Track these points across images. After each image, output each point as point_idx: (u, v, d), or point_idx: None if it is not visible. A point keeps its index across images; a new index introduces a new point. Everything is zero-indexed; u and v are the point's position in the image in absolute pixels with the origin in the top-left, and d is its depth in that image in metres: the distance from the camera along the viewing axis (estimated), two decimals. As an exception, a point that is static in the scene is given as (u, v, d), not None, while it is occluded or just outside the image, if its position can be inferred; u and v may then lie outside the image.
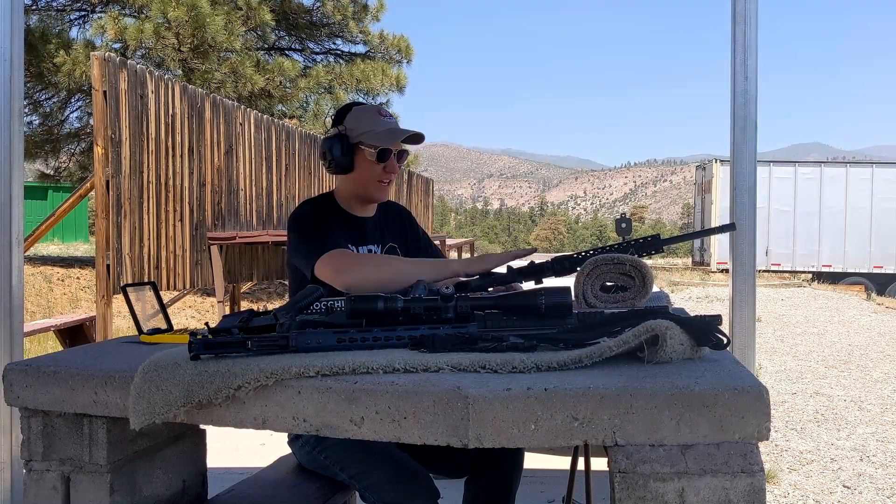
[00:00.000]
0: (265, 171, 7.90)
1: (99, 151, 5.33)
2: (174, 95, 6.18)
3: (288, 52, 14.43)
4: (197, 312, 10.66)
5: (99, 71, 5.26)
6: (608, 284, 1.78)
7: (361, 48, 14.85)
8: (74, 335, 5.61)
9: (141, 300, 1.66)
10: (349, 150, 1.97)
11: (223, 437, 2.72)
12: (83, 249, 16.47)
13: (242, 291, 10.61)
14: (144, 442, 1.46)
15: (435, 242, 2.27)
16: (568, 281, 1.56)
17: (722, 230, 1.99)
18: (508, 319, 1.30)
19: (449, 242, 15.21)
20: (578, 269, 1.79)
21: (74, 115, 13.12)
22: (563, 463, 2.71)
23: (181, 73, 10.74)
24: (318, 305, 1.45)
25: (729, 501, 1.06)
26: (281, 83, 12.38)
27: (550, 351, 1.21)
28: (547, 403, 1.06)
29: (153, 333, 1.61)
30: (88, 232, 20.94)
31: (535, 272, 1.80)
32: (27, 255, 9.71)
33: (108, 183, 5.34)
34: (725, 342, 1.20)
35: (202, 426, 1.60)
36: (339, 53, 14.94)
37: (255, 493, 1.81)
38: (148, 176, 5.80)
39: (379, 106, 2.10)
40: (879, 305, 13.21)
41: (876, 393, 5.91)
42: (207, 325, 1.36)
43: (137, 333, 1.64)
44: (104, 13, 11.26)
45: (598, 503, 2.12)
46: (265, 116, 8.15)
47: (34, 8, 11.89)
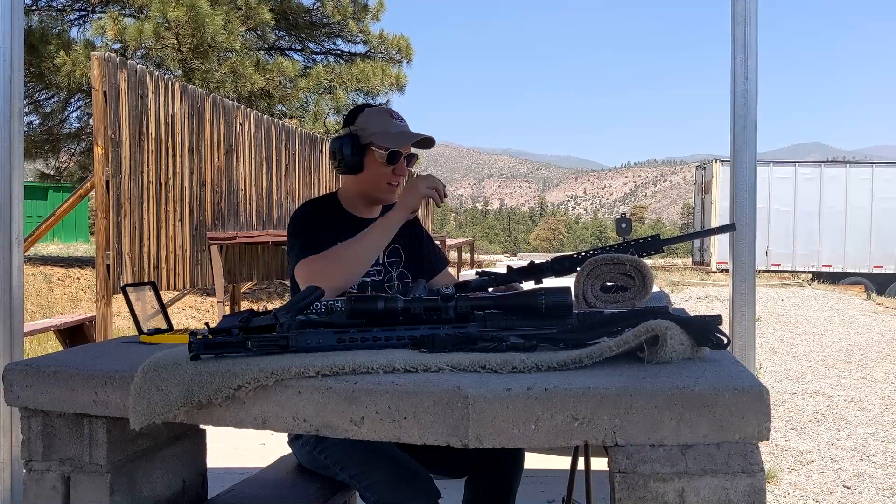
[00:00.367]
0: (265, 171, 7.90)
1: (99, 151, 5.33)
2: (174, 95, 6.18)
3: (288, 52, 14.43)
4: (197, 312, 10.66)
5: (99, 71, 5.26)
6: (608, 284, 1.78)
7: (361, 48, 14.85)
8: (74, 335, 5.62)
9: (141, 300, 1.66)
10: (359, 150, 1.97)
11: (223, 437, 2.72)
12: (83, 249, 16.47)
13: (242, 291, 10.61)
14: (144, 442, 1.46)
15: (436, 242, 2.27)
16: (568, 281, 1.56)
17: (722, 230, 2.00)
18: (508, 319, 1.30)
19: (449, 242, 15.20)
20: (578, 269, 1.79)
21: (74, 115, 13.13)
22: (563, 463, 2.71)
23: (181, 73, 10.74)
24: (318, 305, 1.45)
25: (729, 501, 1.06)
26: (281, 83, 12.38)
27: (550, 351, 1.21)
28: (547, 403, 1.06)
29: (153, 333, 1.61)
30: (88, 232, 20.94)
31: (535, 272, 1.80)
32: (27, 255, 9.71)
33: (108, 183, 5.34)
34: (725, 342, 1.20)
35: (202, 426, 1.60)
36: (339, 53, 14.94)
37: (255, 493, 1.80)
38: (148, 176, 5.80)
39: (391, 109, 2.10)
40: (879, 305, 13.21)
41: (876, 393, 5.91)
42: (207, 325, 1.36)
43: (137, 333, 1.64)
44: (104, 13, 11.26)
45: (598, 503, 2.12)
46: (265, 116, 8.15)
47: (34, 8, 11.89)
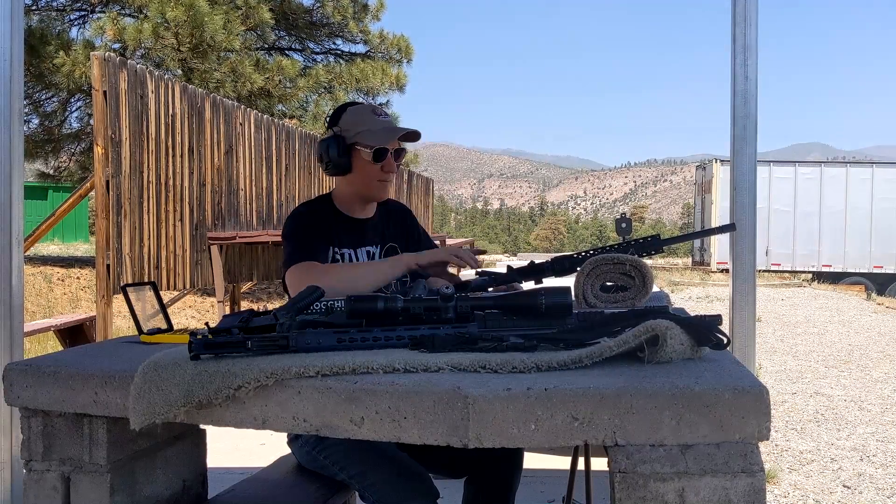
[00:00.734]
0: (265, 171, 7.90)
1: (99, 151, 5.33)
2: (174, 95, 6.18)
3: (288, 51, 14.43)
4: (197, 312, 10.65)
5: (99, 71, 5.26)
6: (608, 284, 1.78)
7: (361, 48, 14.86)
8: (74, 335, 5.62)
9: (141, 300, 1.66)
10: (346, 151, 1.96)
11: (223, 437, 2.72)
12: (83, 249, 16.47)
13: (242, 291, 10.61)
14: (144, 442, 1.45)
15: (435, 242, 2.27)
16: (568, 281, 1.56)
17: (722, 230, 2.00)
18: (508, 319, 1.30)
19: (449, 242, 15.20)
20: (578, 269, 1.79)
21: (74, 115, 13.14)
22: (563, 463, 2.71)
23: (180, 72, 10.74)
24: (318, 305, 1.45)
25: (729, 501, 1.06)
26: (280, 82, 12.38)
27: (550, 351, 1.21)
28: (547, 403, 1.06)
29: (153, 333, 1.61)
30: (88, 232, 20.94)
31: (535, 272, 1.80)
32: (27, 255, 9.71)
33: (108, 183, 5.34)
34: (725, 342, 1.20)
35: (202, 426, 1.60)
36: (339, 53, 14.94)
37: (255, 493, 1.81)
38: (148, 176, 5.80)
39: (374, 105, 2.10)
40: (879, 305, 13.21)
41: (876, 393, 5.91)
42: (207, 325, 1.36)
43: (137, 333, 1.64)
44: (103, 13, 11.26)
45: (598, 503, 2.12)
46: (265, 116, 8.15)
47: (34, 8, 11.89)
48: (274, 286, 12.61)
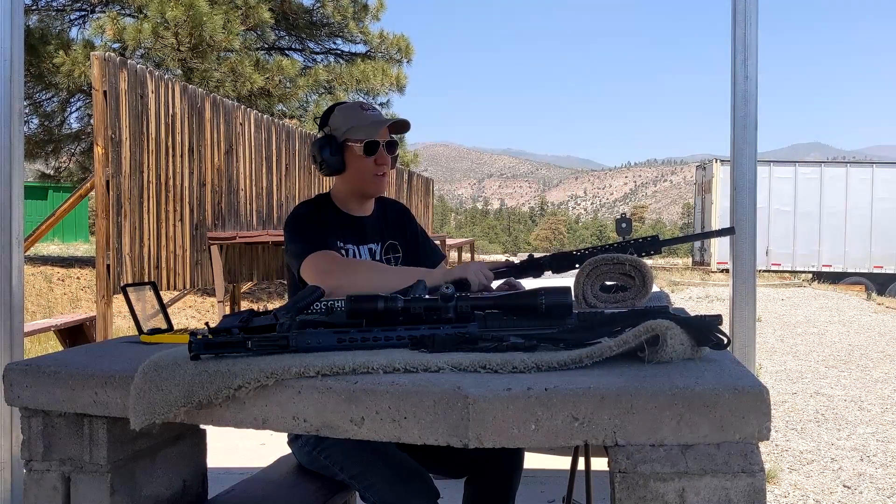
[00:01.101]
0: (265, 171, 7.90)
1: (99, 151, 5.34)
2: (174, 95, 6.18)
3: (288, 51, 14.44)
4: (197, 312, 10.65)
5: (99, 71, 5.26)
6: (608, 284, 1.78)
7: (361, 48, 14.86)
8: (74, 335, 5.61)
9: (141, 300, 1.66)
10: (338, 149, 1.98)
11: (223, 437, 2.72)
12: (83, 249, 16.47)
13: (242, 291, 10.60)
14: (144, 442, 1.45)
15: (435, 242, 2.27)
16: (568, 281, 1.56)
17: (721, 234, 2.00)
18: (508, 319, 1.30)
19: (449, 242, 15.21)
20: (577, 266, 1.79)
21: (74, 115, 13.14)
22: (563, 463, 2.71)
23: (180, 72, 10.74)
24: (318, 305, 1.45)
25: (729, 501, 1.06)
26: (280, 82, 12.38)
27: (551, 351, 1.21)
28: (547, 403, 1.06)
29: (153, 333, 1.61)
30: (88, 232, 20.94)
31: (533, 268, 1.80)
32: (27, 255, 9.70)
33: (108, 183, 5.34)
34: (726, 342, 1.20)
35: (202, 426, 1.60)
36: (339, 53, 14.94)
37: (255, 493, 1.80)
38: (148, 176, 5.80)
39: (362, 102, 2.11)
40: (879, 305, 13.21)
41: (876, 393, 5.91)
42: (207, 325, 1.36)
43: (137, 333, 1.64)
44: (103, 13, 11.26)
45: (598, 503, 2.12)
46: (265, 116, 8.15)
47: (34, 8, 11.90)
48: (274, 286, 12.61)
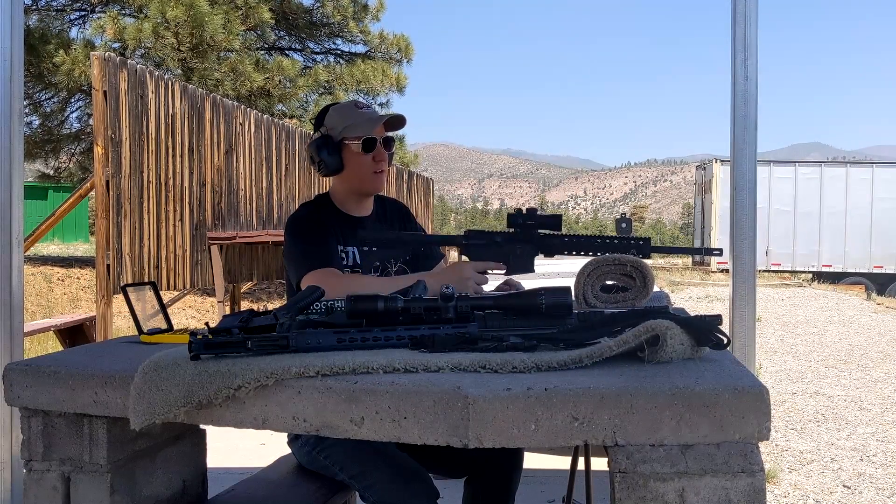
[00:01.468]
0: (265, 171, 7.90)
1: (99, 151, 5.34)
2: (174, 95, 6.18)
3: (288, 51, 14.44)
4: (197, 312, 10.65)
5: (99, 71, 5.26)
6: (608, 284, 1.78)
7: (361, 48, 14.85)
8: (74, 335, 5.62)
9: (141, 300, 1.66)
10: (335, 149, 1.98)
11: (223, 437, 2.72)
12: (83, 249, 16.47)
13: (242, 291, 10.60)
14: (144, 442, 1.45)
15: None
16: (568, 281, 1.56)
17: (709, 252, 2.03)
18: (508, 319, 1.30)
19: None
20: (566, 252, 1.80)
21: (74, 115, 13.14)
22: (563, 463, 2.71)
23: (180, 72, 10.74)
24: (318, 305, 1.45)
25: (729, 501, 1.06)
26: (280, 82, 12.38)
27: (550, 351, 1.21)
28: (547, 403, 1.06)
29: (153, 333, 1.61)
30: (88, 232, 20.95)
31: (523, 241, 1.80)
32: (27, 255, 9.70)
33: (108, 183, 5.34)
34: (725, 342, 1.20)
35: (202, 426, 1.60)
36: (339, 53, 14.94)
37: (255, 493, 1.80)
38: (148, 176, 5.80)
39: (356, 100, 2.11)
40: (879, 305, 13.20)
41: (876, 393, 5.91)
42: (207, 325, 1.36)
43: (137, 333, 1.64)
44: (103, 13, 11.26)
45: (598, 503, 2.12)
46: (265, 116, 8.15)
47: (34, 8, 11.89)
48: (274, 286, 12.61)
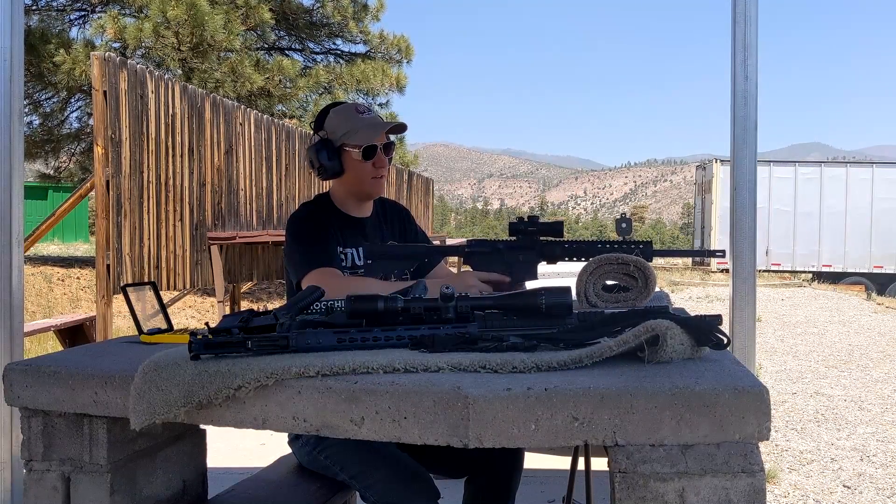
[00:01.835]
0: (265, 171, 7.90)
1: (99, 151, 5.33)
2: (174, 95, 6.18)
3: (288, 51, 14.43)
4: (197, 312, 10.65)
5: (99, 71, 5.25)
6: (609, 283, 1.78)
7: (361, 48, 14.85)
8: (74, 335, 5.62)
9: (141, 300, 1.66)
10: (335, 154, 1.97)
11: (223, 437, 2.72)
12: (83, 249, 16.47)
13: (242, 291, 10.60)
14: (144, 442, 1.45)
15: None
16: (569, 280, 1.56)
17: (712, 255, 2.04)
18: (508, 319, 1.30)
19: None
20: (566, 259, 1.81)
21: (74, 115, 13.14)
22: (563, 463, 2.71)
23: (180, 72, 10.74)
24: (318, 305, 1.45)
25: (729, 501, 1.06)
26: (280, 82, 12.38)
27: (551, 351, 1.21)
28: (547, 403, 1.06)
29: (153, 333, 1.61)
30: (88, 232, 20.95)
31: (523, 248, 1.82)
32: (27, 255, 9.70)
33: (108, 183, 5.34)
34: (726, 342, 1.20)
35: (202, 426, 1.60)
36: (339, 53, 14.94)
37: (255, 493, 1.81)
38: (148, 176, 5.80)
39: (356, 103, 2.10)
40: (879, 305, 13.20)
41: (876, 393, 5.91)
42: (207, 325, 1.36)
43: (137, 333, 1.64)
44: (104, 13, 11.26)
45: (598, 503, 2.12)
46: (265, 116, 8.15)
47: (34, 8, 11.89)
48: (274, 286, 12.61)
